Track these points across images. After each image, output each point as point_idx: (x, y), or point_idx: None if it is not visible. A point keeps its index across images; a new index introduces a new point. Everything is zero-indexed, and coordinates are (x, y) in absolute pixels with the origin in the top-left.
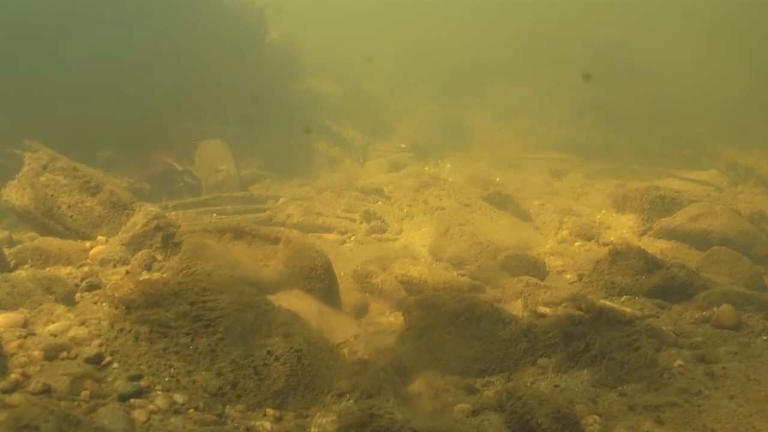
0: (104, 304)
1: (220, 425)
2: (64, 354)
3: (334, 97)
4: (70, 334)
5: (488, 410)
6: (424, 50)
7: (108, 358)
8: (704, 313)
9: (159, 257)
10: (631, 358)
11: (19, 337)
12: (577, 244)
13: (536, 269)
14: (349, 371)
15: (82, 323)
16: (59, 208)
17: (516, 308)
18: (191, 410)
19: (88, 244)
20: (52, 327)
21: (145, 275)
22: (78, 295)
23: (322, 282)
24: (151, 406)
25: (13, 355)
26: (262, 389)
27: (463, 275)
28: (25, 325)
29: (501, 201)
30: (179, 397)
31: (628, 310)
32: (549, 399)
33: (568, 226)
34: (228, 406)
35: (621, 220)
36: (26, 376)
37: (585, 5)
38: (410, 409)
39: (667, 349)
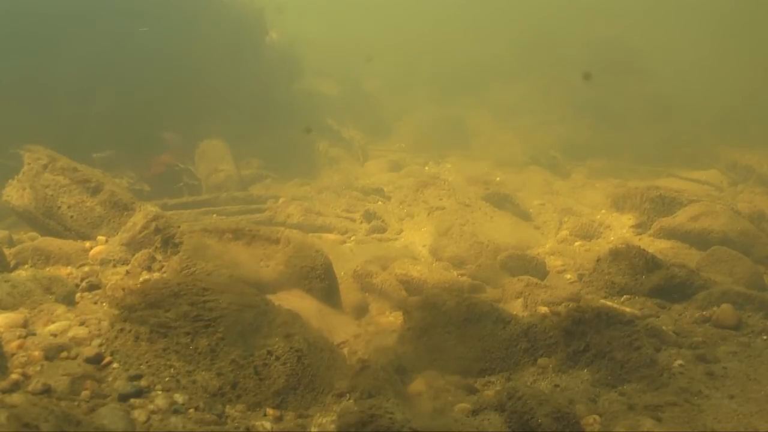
0: (104, 304)
1: (220, 425)
2: (64, 354)
3: (334, 97)
4: (70, 334)
5: (488, 410)
6: (424, 50)
7: (108, 358)
8: (704, 312)
9: (159, 257)
10: (631, 358)
11: (19, 337)
12: (577, 243)
13: (536, 269)
14: (349, 371)
15: (82, 323)
16: (59, 208)
17: (516, 308)
18: (191, 410)
19: (88, 244)
20: (52, 327)
21: (145, 275)
22: (78, 295)
23: (322, 282)
24: (151, 406)
25: (13, 355)
26: (262, 389)
27: (463, 275)
28: (25, 325)
29: (501, 201)
30: (179, 397)
31: (628, 309)
32: (549, 399)
33: (568, 225)
34: (228, 406)
35: (621, 220)
36: (26, 376)
37: (585, 5)
38: (410, 409)
39: (667, 349)
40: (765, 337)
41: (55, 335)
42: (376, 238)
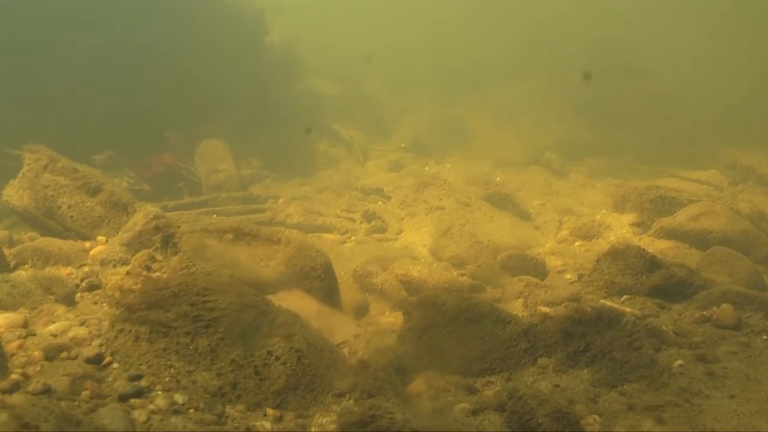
0: (104, 304)
1: (220, 425)
2: (64, 354)
3: (334, 97)
4: (71, 334)
5: (488, 410)
6: (424, 50)
7: (108, 359)
8: (704, 312)
9: (159, 257)
10: (631, 358)
11: (19, 338)
12: (577, 243)
13: (536, 269)
14: (349, 371)
15: (83, 323)
16: (59, 208)
17: (516, 308)
18: (191, 410)
19: (88, 244)
20: (52, 327)
21: (146, 275)
22: (78, 295)
23: (322, 282)
24: (151, 406)
25: (13, 355)
26: (262, 389)
27: (463, 275)
28: (25, 325)
29: (501, 201)
30: (179, 397)
31: (628, 309)
32: (549, 399)
33: (568, 225)
34: (228, 406)
35: (621, 220)
36: (26, 377)
37: (585, 5)
38: (410, 409)
39: (668, 349)
40: (765, 337)
41: (55, 335)
42: (376, 238)
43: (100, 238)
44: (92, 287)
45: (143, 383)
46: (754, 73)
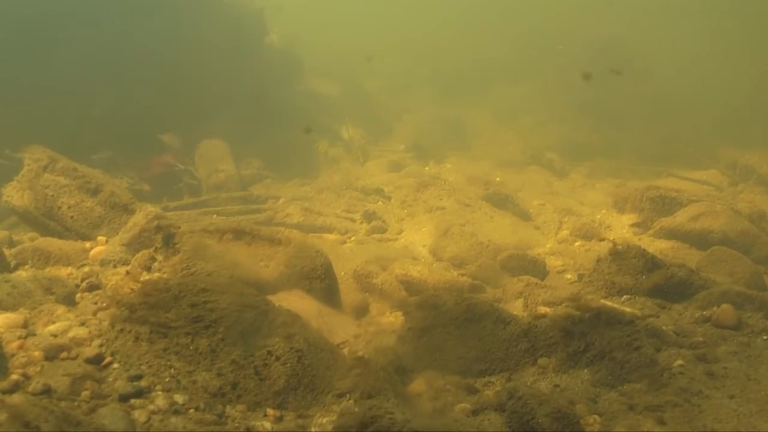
0: (104, 304)
1: (220, 425)
2: (64, 354)
3: (334, 97)
4: (71, 334)
5: (488, 410)
6: (424, 50)
7: (108, 359)
8: (704, 312)
9: (159, 257)
10: (631, 358)
11: (19, 338)
12: (577, 243)
13: (536, 269)
14: (350, 371)
15: (83, 324)
16: (59, 208)
17: (516, 308)
18: (191, 410)
19: (88, 244)
20: (52, 327)
21: (145, 276)
22: (78, 295)
23: (322, 282)
24: (151, 407)
25: (13, 355)
26: (262, 389)
27: (463, 275)
28: (25, 325)
29: (501, 201)
30: (179, 398)
31: (628, 309)
32: (549, 399)
33: (568, 225)
34: (228, 406)
35: (621, 220)
36: (26, 377)
37: (585, 5)
38: (410, 409)
39: (668, 349)
40: (765, 337)
41: (55, 335)
42: (376, 238)
43: (100, 238)
44: (92, 287)
45: (143, 383)
46: (755, 73)
